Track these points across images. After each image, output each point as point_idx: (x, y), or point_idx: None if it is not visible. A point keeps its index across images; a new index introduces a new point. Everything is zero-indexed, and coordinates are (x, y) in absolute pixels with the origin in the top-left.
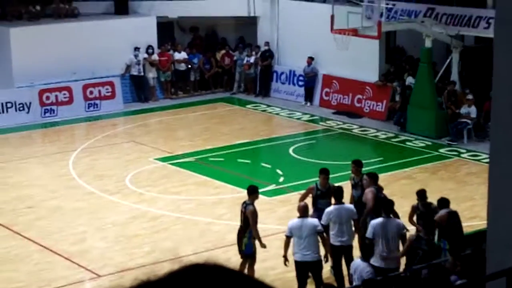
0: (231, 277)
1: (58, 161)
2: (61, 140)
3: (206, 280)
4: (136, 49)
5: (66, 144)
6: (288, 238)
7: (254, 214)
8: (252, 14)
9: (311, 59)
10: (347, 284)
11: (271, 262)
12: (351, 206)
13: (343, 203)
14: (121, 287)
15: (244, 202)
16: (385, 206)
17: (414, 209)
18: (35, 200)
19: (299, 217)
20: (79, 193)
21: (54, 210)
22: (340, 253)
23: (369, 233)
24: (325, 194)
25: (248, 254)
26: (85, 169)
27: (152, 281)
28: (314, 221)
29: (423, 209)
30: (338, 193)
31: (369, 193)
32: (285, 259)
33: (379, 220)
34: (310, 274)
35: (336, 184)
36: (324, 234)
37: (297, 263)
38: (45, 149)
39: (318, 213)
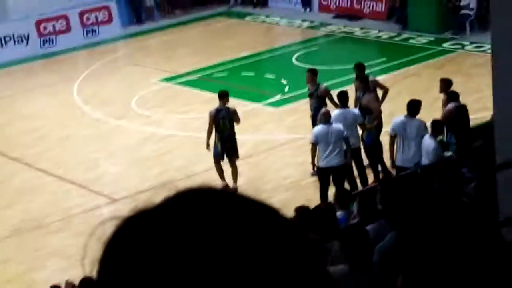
0: (230, 200)
1: (62, 90)
2: (63, 69)
3: (204, 205)
4: None
5: (68, 73)
6: (314, 145)
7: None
8: None
9: None
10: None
11: (285, 172)
12: (356, 110)
13: (348, 107)
14: (118, 218)
15: (221, 109)
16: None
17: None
18: (44, 131)
19: (323, 124)
20: (87, 120)
21: (64, 140)
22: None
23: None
24: (311, 94)
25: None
26: (90, 96)
27: (148, 210)
28: (340, 126)
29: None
30: (342, 97)
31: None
32: (313, 165)
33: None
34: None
35: (342, 89)
36: (349, 140)
37: (322, 170)
38: (48, 80)
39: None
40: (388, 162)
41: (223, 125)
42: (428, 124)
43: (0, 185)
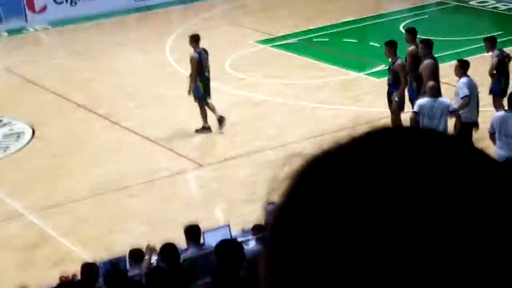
0: (443, 141)
1: (154, 48)
2: (156, 25)
3: (414, 145)
4: None
5: (161, 29)
6: (416, 114)
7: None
8: None
9: None
10: None
11: None
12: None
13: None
14: (308, 154)
15: (200, 51)
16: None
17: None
18: (133, 89)
19: (430, 97)
20: (179, 79)
21: (153, 99)
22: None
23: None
24: (389, 68)
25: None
26: (184, 55)
27: (345, 146)
28: (447, 101)
29: None
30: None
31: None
32: None
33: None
34: None
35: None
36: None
37: None
38: (140, 36)
39: None
40: None
41: (206, 66)
42: None
43: (85, 142)
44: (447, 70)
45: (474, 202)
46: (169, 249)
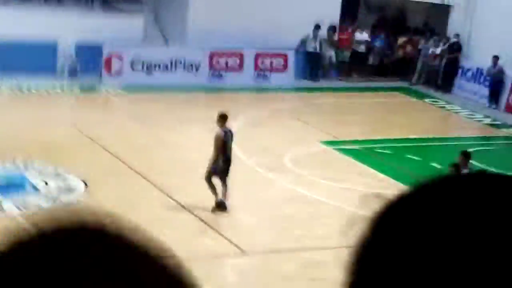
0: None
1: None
2: (225, 107)
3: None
4: (317, 27)
5: (229, 112)
6: None
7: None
8: (446, 2)
9: (496, 58)
10: None
11: None
12: None
13: None
14: (385, 196)
15: (226, 131)
16: None
17: None
18: (190, 164)
19: None
20: (235, 163)
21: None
22: None
23: None
24: None
25: None
26: (245, 140)
27: (419, 191)
28: None
29: None
30: None
31: None
32: None
33: None
34: None
35: None
36: None
37: None
38: (207, 114)
39: None
40: None
41: (229, 147)
42: None
43: (135, 207)
44: None
45: None
46: None
